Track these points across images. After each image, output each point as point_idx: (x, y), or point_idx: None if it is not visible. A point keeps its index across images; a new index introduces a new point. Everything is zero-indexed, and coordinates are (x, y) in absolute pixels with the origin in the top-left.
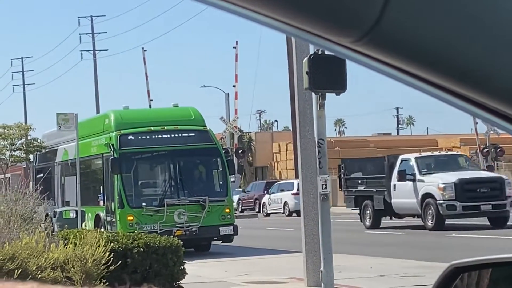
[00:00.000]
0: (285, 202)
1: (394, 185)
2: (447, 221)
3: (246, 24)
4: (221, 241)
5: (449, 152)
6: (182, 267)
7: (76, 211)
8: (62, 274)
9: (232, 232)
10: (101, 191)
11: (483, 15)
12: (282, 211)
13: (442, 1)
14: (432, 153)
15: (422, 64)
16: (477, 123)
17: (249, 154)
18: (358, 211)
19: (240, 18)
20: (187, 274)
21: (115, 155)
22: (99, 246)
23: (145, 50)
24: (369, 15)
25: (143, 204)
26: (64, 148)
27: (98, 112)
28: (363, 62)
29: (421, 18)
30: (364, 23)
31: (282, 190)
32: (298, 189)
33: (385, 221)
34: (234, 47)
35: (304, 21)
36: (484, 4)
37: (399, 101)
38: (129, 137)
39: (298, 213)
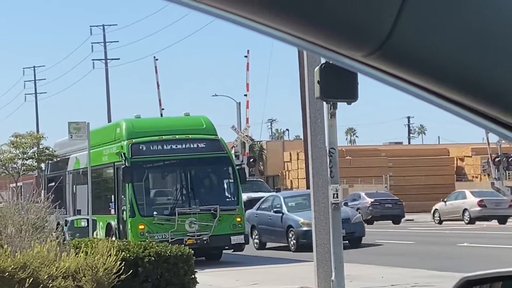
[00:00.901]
0: None
1: None
2: None
3: (258, 34)
4: (232, 250)
5: None
6: (193, 276)
7: (88, 220)
8: (73, 283)
9: (243, 241)
10: (113, 200)
11: (497, 32)
12: None
13: (454, 18)
14: None
15: (433, 78)
16: (488, 132)
17: (260, 163)
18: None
19: (253, 32)
20: (198, 283)
21: (126, 164)
22: (110, 255)
23: (157, 59)
24: (381, 30)
25: (154, 213)
26: (76, 157)
27: (109, 121)
28: (375, 76)
29: (432, 33)
30: (375, 38)
31: None
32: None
33: None
34: (246, 56)
35: (316, 36)
36: (498, 21)
37: (411, 110)
38: (141, 146)
39: None
